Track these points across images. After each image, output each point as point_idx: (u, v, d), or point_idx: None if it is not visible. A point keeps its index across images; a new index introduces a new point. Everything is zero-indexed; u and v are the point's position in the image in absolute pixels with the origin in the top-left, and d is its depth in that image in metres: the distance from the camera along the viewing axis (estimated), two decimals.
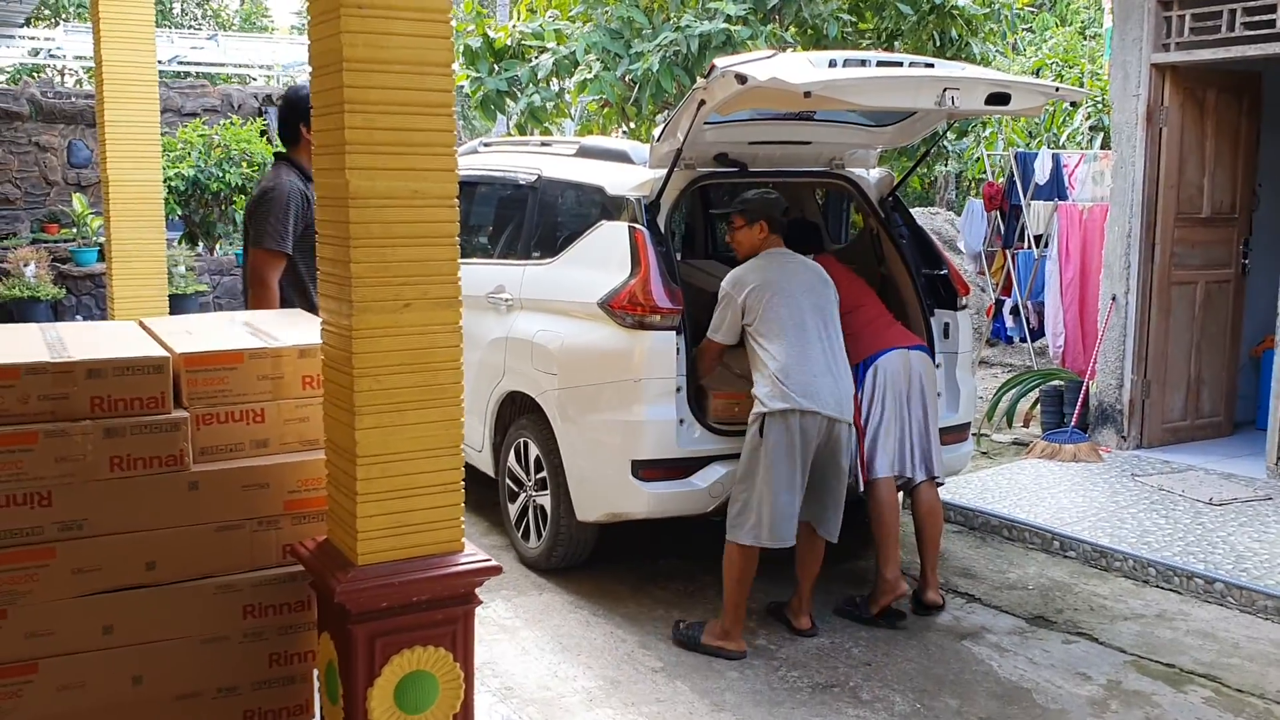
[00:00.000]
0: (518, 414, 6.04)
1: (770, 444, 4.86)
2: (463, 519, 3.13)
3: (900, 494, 5.48)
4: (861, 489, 5.34)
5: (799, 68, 4.73)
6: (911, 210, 6.64)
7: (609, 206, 5.68)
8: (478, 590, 3.14)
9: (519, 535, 6.05)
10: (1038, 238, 10.51)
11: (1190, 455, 7.88)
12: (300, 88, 4.75)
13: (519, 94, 9.91)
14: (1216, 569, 5.73)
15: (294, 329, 3.71)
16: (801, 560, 5.17)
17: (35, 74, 21.21)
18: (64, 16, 23.77)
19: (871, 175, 6.29)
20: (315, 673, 3.42)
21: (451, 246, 3.00)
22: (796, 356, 4.95)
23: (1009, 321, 11.15)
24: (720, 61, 4.86)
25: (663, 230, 5.51)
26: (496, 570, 3.12)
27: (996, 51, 11.52)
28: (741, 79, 4.61)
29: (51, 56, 21.32)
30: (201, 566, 3.28)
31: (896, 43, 10.38)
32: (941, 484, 5.56)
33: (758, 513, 4.87)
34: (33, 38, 20.53)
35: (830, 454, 5.00)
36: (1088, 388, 8.25)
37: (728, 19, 9.00)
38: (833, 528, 5.10)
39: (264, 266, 4.74)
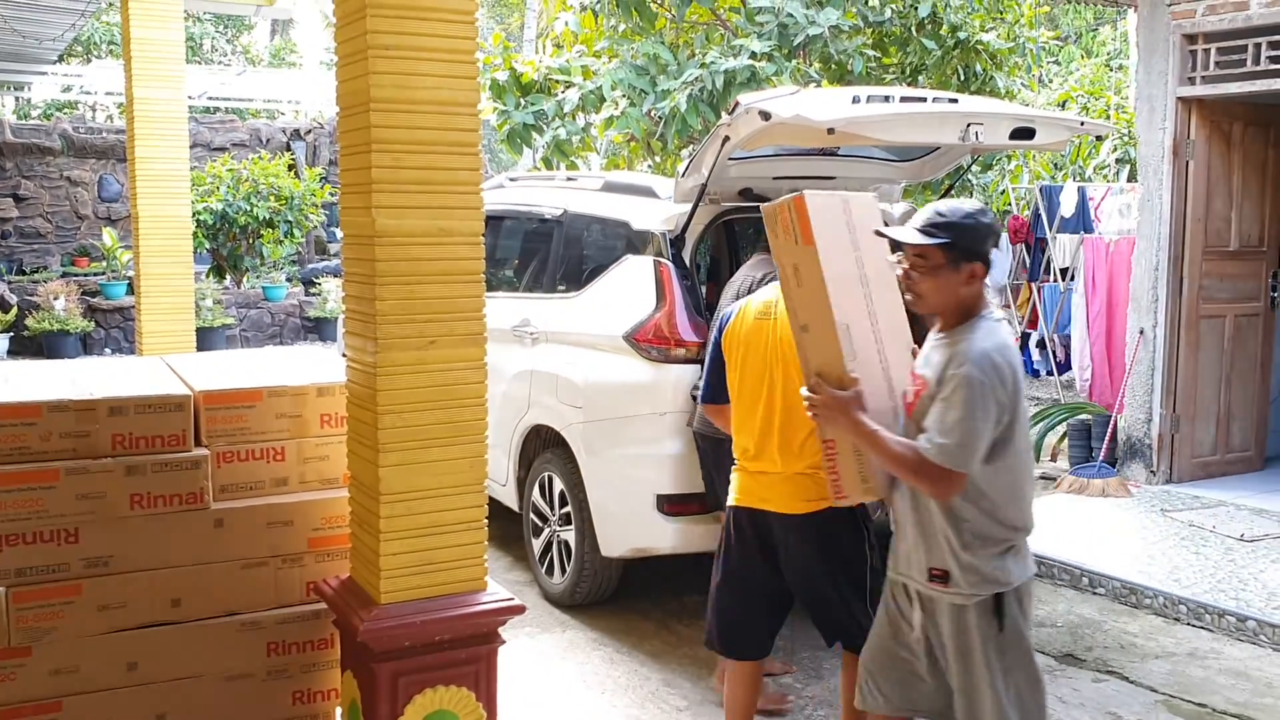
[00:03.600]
0: (542, 448, 6.03)
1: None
2: (486, 557, 3.13)
3: None
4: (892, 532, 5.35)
5: (822, 104, 4.74)
6: None
7: (634, 241, 5.69)
8: (500, 628, 3.13)
9: (543, 571, 6.03)
10: (1063, 271, 10.48)
11: (1221, 490, 7.80)
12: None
13: (545, 128, 9.95)
14: (1249, 606, 5.66)
15: (312, 368, 3.72)
16: None
17: (67, 110, 21.47)
18: (96, 53, 24.06)
19: (895, 209, 6.28)
20: (338, 711, 3.41)
21: (477, 284, 3.01)
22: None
23: (1035, 355, 11.10)
24: (744, 98, 4.88)
25: (688, 264, 5.51)
26: (519, 610, 3.11)
27: (1021, 85, 11.52)
28: (765, 116, 4.62)
29: (84, 92, 21.59)
30: (226, 604, 3.28)
31: (921, 77, 10.38)
32: None
33: None
34: (65, 74, 20.79)
35: None
36: (1116, 422, 8.19)
37: (753, 55, 9.02)
38: None
39: None
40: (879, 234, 3.24)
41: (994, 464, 3.13)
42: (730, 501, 4.00)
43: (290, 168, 16.72)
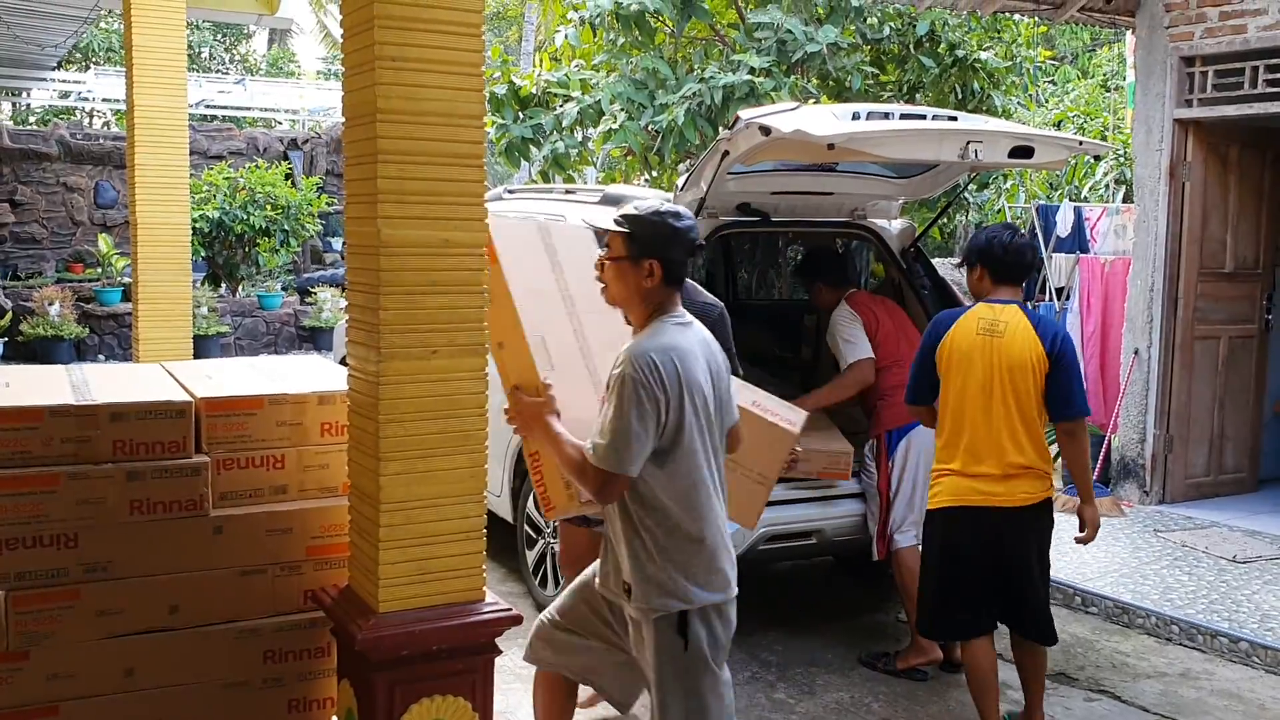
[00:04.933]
0: None
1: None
2: (484, 567, 3.13)
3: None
4: (876, 557, 5.40)
5: (822, 120, 4.76)
6: (932, 261, 6.64)
7: None
8: (497, 639, 3.14)
9: (536, 583, 6.02)
10: (1059, 290, 10.49)
11: (1213, 511, 7.82)
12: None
13: (543, 141, 9.99)
14: (1241, 628, 5.67)
15: (313, 376, 3.72)
16: None
17: (65, 116, 21.47)
18: (94, 60, 24.08)
19: (893, 226, 6.31)
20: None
21: (479, 295, 3.02)
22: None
23: None
24: (744, 113, 4.89)
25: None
26: (517, 620, 3.11)
27: (1018, 104, 11.58)
28: (766, 131, 4.64)
29: (81, 99, 21.61)
30: (224, 611, 3.28)
31: (918, 95, 10.44)
32: None
33: None
34: (63, 80, 20.81)
35: None
36: (1109, 442, 8.21)
37: (751, 70, 9.06)
38: None
39: None
40: (585, 222, 3.29)
41: (666, 469, 3.13)
42: (944, 503, 4.45)
43: (287, 177, 16.72)
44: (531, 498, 6.02)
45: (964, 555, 4.45)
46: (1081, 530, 4.66)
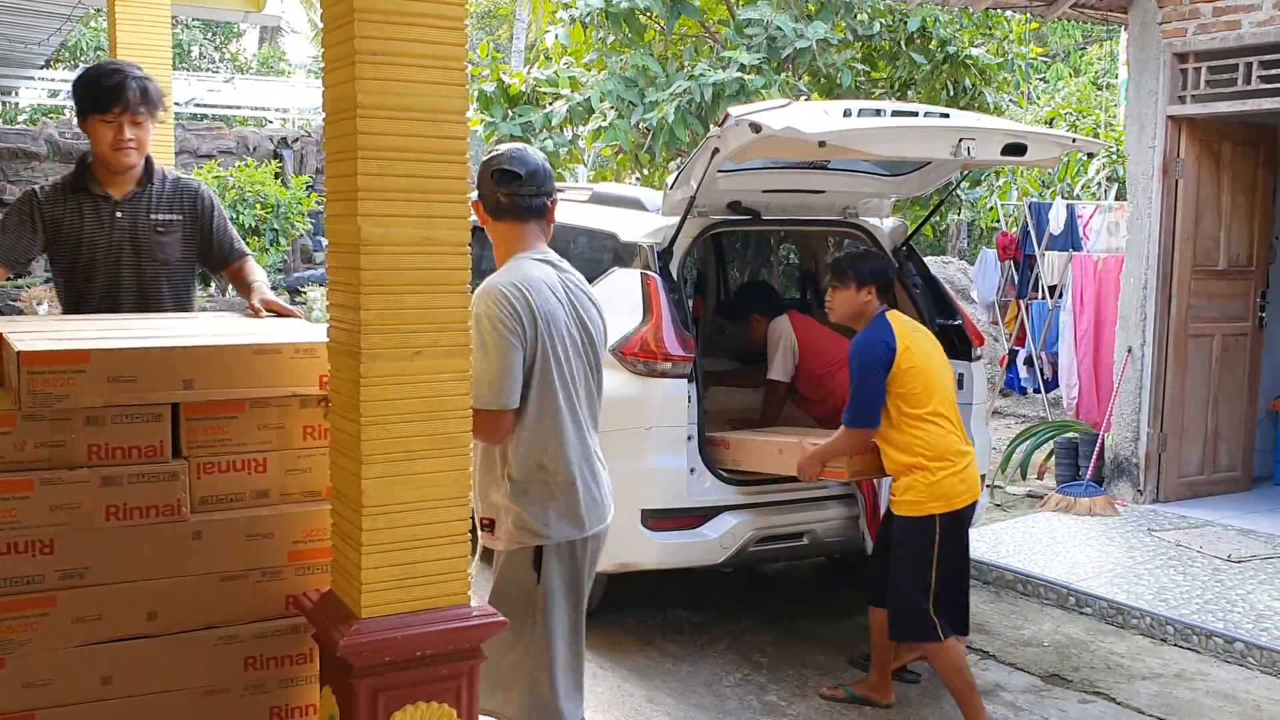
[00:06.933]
0: None
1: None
2: (471, 571, 3.08)
3: None
4: (870, 550, 5.33)
5: (814, 117, 4.72)
6: (924, 259, 6.61)
7: (622, 253, 5.65)
8: (483, 644, 3.08)
9: None
10: (1052, 288, 10.48)
11: (1208, 510, 7.78)
12: None
13: (533, 139, 9.94)
14: (1236, 628, 5.63)
15: None
16: None
17: (54, 115, 21.37)
18: (84, 59, 23.97)
19: (885, 224, 6.27)
20: None
21: (463, 294, 2.96)
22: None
23: (1023, 372, 11.09)
24: (735, 110, 4.85)
25: (675, 277, 5.48)
26: (502, 625, 3.05)
27: (1010, 101, 11.55)
28: (756, 128, 4.60)
29: (70, 98, 21.52)
30: (203, 617, 3.21)
31: (910, 92, 10.40)
32: None
33: None
34: (52, 79, 20.72)
35: None
36: (1103, 440, 8.17)
37: (741, 68, 9.02)
38: None
39: None
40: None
41: (522, 400, 3.26)
42: (947, 509, 4.52)
43: (277, 175, 16.66)
44: None
45: (958, 551, 4.66)
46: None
